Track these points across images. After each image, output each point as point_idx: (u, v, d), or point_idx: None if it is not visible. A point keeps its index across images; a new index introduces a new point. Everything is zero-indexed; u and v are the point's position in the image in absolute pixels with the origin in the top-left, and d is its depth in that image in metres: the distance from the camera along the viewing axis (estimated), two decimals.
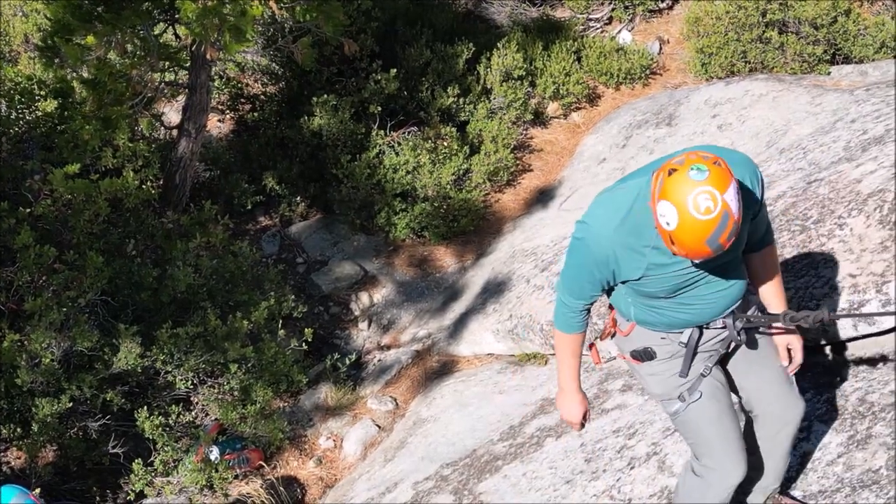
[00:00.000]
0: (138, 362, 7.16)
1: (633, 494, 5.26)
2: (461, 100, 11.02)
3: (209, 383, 7.72)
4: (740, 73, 11.29)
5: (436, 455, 6.99)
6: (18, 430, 6.97)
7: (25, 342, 6.93)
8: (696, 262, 3.48)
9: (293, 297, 8.67)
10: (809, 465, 4.72)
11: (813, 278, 5.47)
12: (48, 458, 7.38)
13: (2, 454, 7.31)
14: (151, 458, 7.35)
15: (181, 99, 10.45)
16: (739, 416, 4.05)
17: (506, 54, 11.29)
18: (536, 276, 8.17)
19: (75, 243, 7.64)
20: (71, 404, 6.95)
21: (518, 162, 11.13)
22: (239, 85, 11.57)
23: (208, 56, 8.52)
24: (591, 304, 3.79)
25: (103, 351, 7.19)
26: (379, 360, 8.99)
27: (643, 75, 12.16)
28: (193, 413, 7.66)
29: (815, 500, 4.51)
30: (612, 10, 13.23)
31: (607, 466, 5.60)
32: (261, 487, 7.52)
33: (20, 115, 8.83)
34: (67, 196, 7.65)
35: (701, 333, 3.76)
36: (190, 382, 7.58)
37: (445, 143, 10.52)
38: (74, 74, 8.91)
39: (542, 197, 10.46)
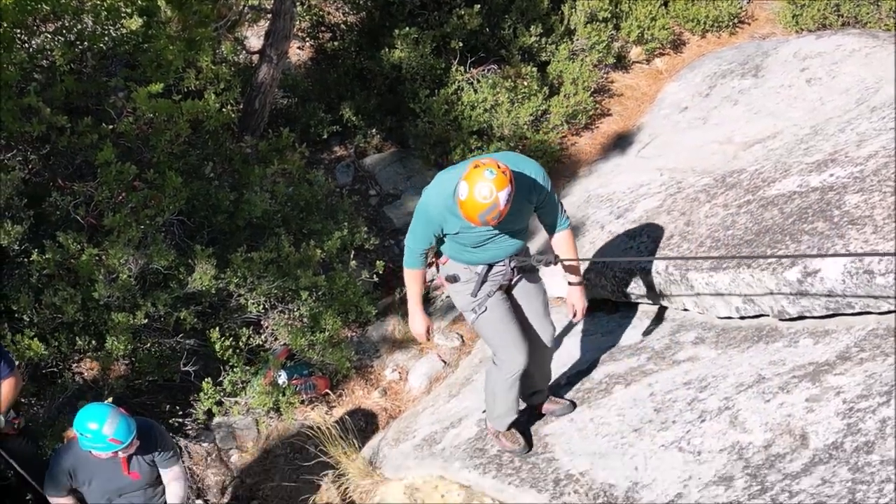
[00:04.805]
0: (212, 284, 7.24)
1: (702, 447, 5.22)
2: (543, 39, 10.86)
3: (280, 308, 7.79)
4: (832, 26, 10.97)
5: None
6: (93, 342, 7.11)
7: (103, 257, 7.03)
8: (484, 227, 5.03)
9: (365, 228, 8.69)
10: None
11: None
12: (120, 371, 7.53)
13: (76, 364, 7.46)
14: (220, 378, 7.48)
15: (263, 24, 10.43)
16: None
17: None
18: (611, 222, 8.05)
19: (155, 162, 7.70)
20: (146, 320, 7.06)
21: (597, 105, 10.98)
22: (320, 13, 11.50)
23: None
24: (428, 249, 5.41)
25: (178, 270, 7.29)
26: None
27: (731, 24, 11.88)
28: (263, 337, 7.75)
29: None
30: None
31: (677, 418, 5.55)
32: (325, 414, 7.62)
33: (105, 32, 8.82)
34: (150, 115, 7.69)
35: (489, 268, 5.41)
36: (261, 307, 7.66)
37: (525, 83, 10.39)
38: None
39: (620, 142, 10.30)
